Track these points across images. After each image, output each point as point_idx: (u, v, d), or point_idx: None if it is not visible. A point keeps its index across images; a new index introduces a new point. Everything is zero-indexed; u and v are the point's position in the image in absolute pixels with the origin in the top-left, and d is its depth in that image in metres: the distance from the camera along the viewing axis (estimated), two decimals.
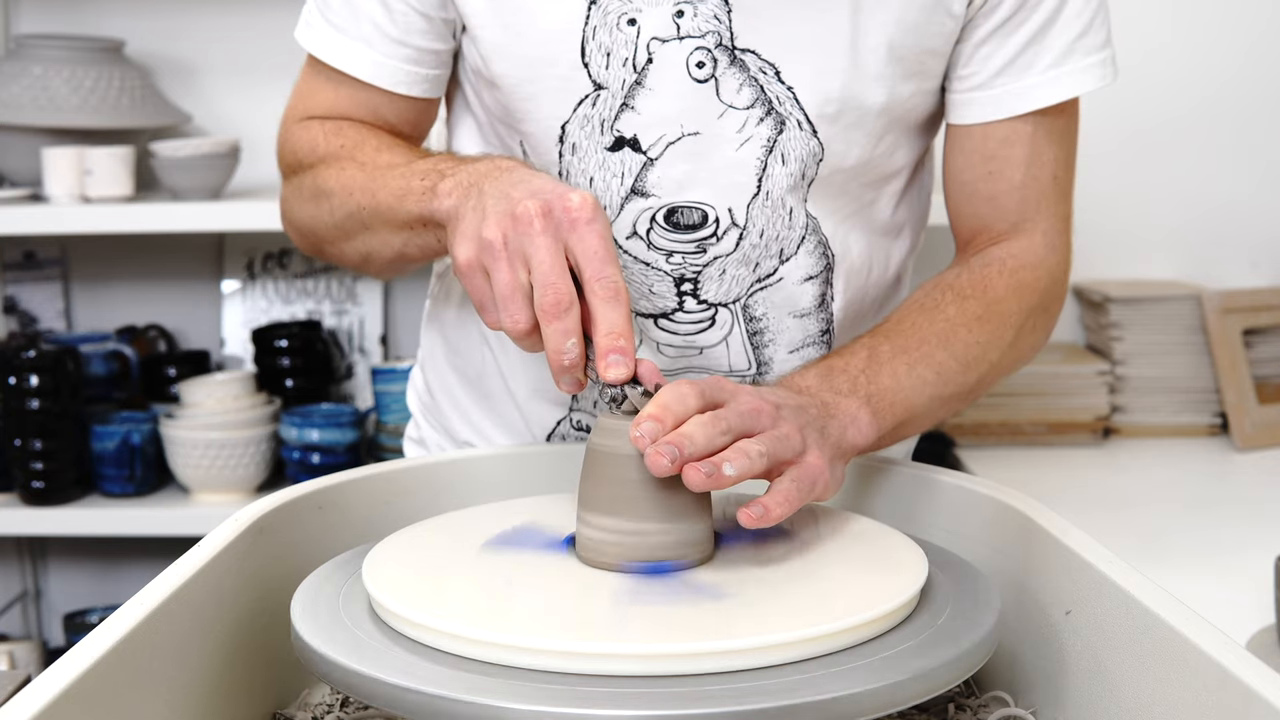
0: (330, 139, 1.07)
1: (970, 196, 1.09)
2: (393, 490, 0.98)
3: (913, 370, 0.97)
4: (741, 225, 1.04)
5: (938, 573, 0.80)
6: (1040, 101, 1.04)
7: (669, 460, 0.75)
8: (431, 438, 1.23)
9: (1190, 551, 1.61)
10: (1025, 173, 1.07)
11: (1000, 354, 1.03)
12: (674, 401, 0.78)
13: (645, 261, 1.05)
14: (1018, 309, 1.05)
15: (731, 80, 1.00)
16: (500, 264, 0.83)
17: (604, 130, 1.02)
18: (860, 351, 0.97)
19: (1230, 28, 2.21)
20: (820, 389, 0.92)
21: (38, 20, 2.28)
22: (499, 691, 0.65)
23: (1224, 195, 2.24)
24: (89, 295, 2.37)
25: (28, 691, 0.61)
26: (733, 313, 1.07)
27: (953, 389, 1.00)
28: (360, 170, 1.03)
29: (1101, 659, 0.75)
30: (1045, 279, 1.07)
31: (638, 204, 1.03)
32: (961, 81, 1.05)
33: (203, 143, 2.08)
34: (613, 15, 0.99)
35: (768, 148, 1.02)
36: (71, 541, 2.37)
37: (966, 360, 1.00)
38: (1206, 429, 2.12)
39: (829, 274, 1.08)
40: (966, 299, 1.03)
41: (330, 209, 1.05)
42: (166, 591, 0.73)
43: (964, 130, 1.07)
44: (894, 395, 0.95)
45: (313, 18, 1.09)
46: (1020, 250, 1.07)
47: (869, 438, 0.91)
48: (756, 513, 0.77)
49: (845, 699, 0.65)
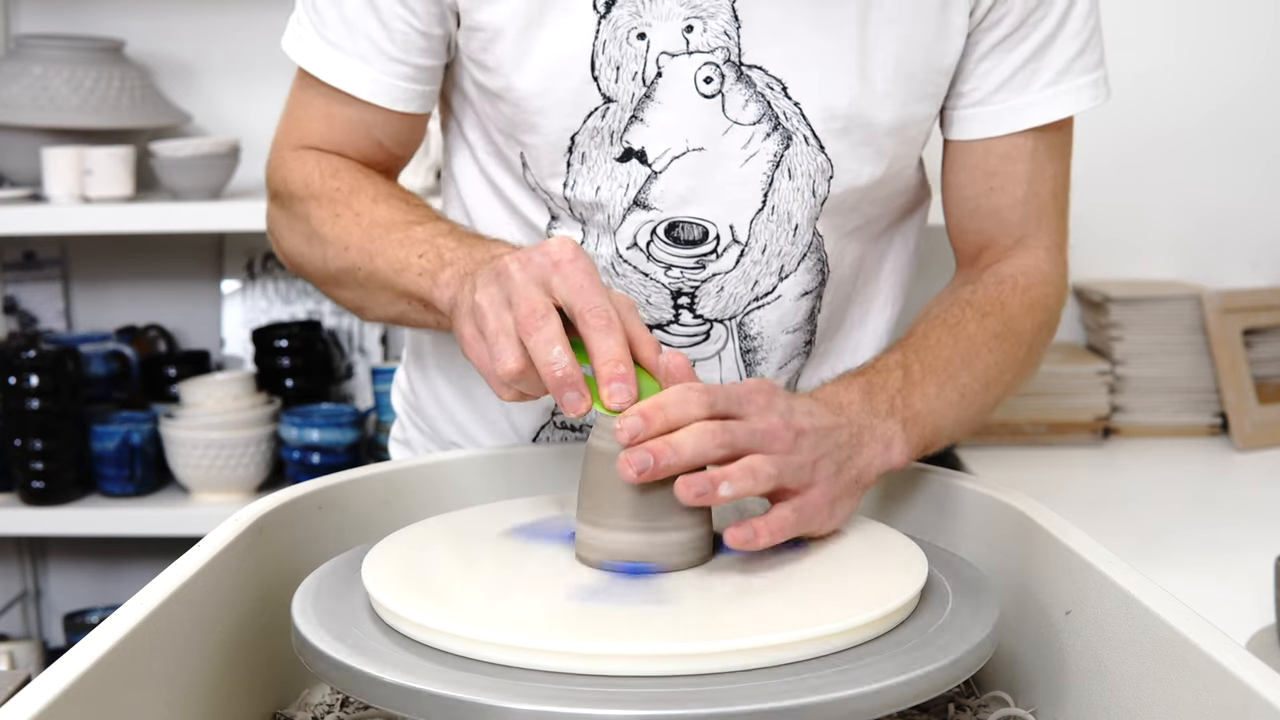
0: (326, 179, 1.06)
1: (973, 212, 1.10)
2: (393, 490, 0.98)
3: (941, 392, 0.96)
4: (743, 242, 1.04)
5: (938, 573, 0.80)
6: (1040, 118, 1.05)
7: (636, 470, 0.74)
8: (416, 439, 1.23)
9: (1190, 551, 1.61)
10: (1028, 188, 1.08)
11: (1014, 374, 1.04)
12: (672, 403, 0.77)
13: (644, 272, 1.05)
14: (1031, 327, 1.05)
15: (738, 96, 1.00)
16: (487, 318, 0.82)
17: (614, 141, 1.02)
18: (896, 370, 0.95)
19: (1232, 33, 2.21)
20: (861, 409, 0.89)
21: (38, 20, 2.28)
22: (499, 691, 0.65)
23: (1224, 196, 2.23)
24: (89, 295, 2.37)
25: (28, 691, 0.61)
26: (728, 329, 1.07)
27: (973, 411, 1.00)
28: (356, 223, 1.02)
29: (1101, 659, 0.75)
30: (1053, 296, 1.08)
31: (639, 216, 1.03)
32: (961, 98, 1.06)
33: (203, 143, 2.08)
34: (622, 30, 0.99)
35: (774, 163, 1.02)
36: (71, 541, 2.37)
37: (986, 381, 1.00)
38: (1206, 429, 2.12)
39: (821, 289, 1.08)
40: (986, 316, 1.03)
41: (324, 256, 1.05)
42: (166, 591, 0.73)
43: (965, 146, 1.08)
44: (925, 418, 0.94)
45: (304, 31, 1.07)
46: (1029, 267, 1.08)
47: (900, 464, 0.90)
48: (745, 535, 0.76)
49: (845, 699, 0.65)
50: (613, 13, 0.99)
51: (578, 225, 1.06)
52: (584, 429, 1.12)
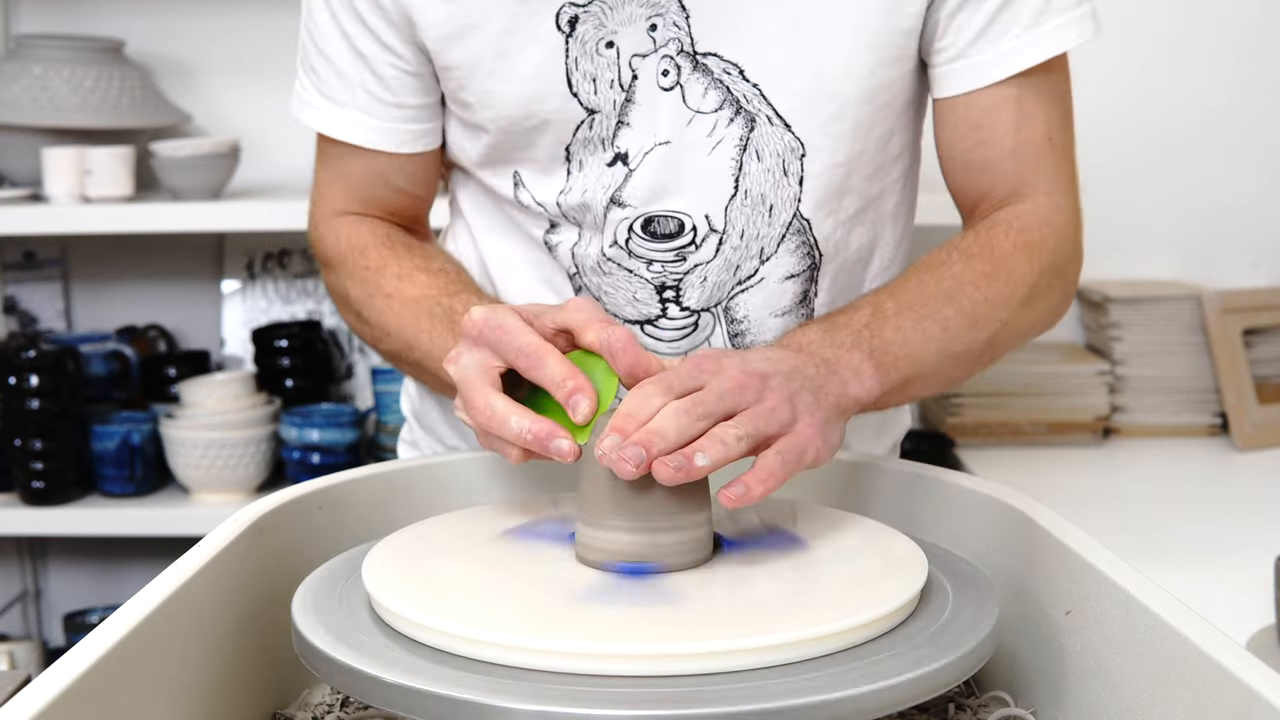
0: (355, 257, 1.10)
1: (964, 168, 1.07)
2: (393, 490, 0.98)
3: (919, 325, 0.94)
4: (720, 230, 1.04)
5: (938, 573, 0.80)
6: (1020, 64, 1.02)
7: (634, 465, 0.74)
8: (424, 441, 1.23)
9: (1190, 551, 1.61)
10: (1016, 137, 1.05)
11: (1010, 313, 1.00)
12: (638, 407, 0.77)
13: (628, 269, 1.06)
14: (1028, 268, 1.02)
15: (696, 85, 1.01)
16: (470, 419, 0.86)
17: (604, 147, 1.03)
18: (864, 308, 0.95)
19: (1232, 34, 2.21)
20: (821, 343, 0.89)
21: (38, 20, 2.28)
22: (499, 691, 0.65)
23: (1224, 195, 2.24)
24: (89, 295, 2.37)
25: (28, 691, 0.61)
26: (714, 315, 1.07)
27: (962, 345, 0.97)
28: (388, 305, 1.06)
29: (1101, 659, 0.75)
30: (1054, 237, 1.04)
31: (616, 214, 1.04)
32: (939, 55, 1.04)
33: (203, 143, 2.08)
34: (590, 43, 1.00)
35: (741, 147, 1.02)
36: (71, 541, 2.37)
37: (975, 317, 0.98)
38: (1206, 429, 2.12)
39: (814, 272, 1.08)
40: (973, 258, 1.01)
41: (373, 336, 1.10)
42: (166, 591, 0.73)
43: (949, 103, 1.05)
44: (899, 349, 0.92)
45: (308, 95, 1.10)
46: (1025, 212, 1.05)
47: (873, 391, 0.89)
48: (737, 492, 0.75)
49: (845, 699, 0.65)
50: (578, 29, 1.00)
51: (574, 229, 1.07)
52: None
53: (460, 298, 1.02)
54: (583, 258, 1.07)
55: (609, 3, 0.99)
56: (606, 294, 1.08)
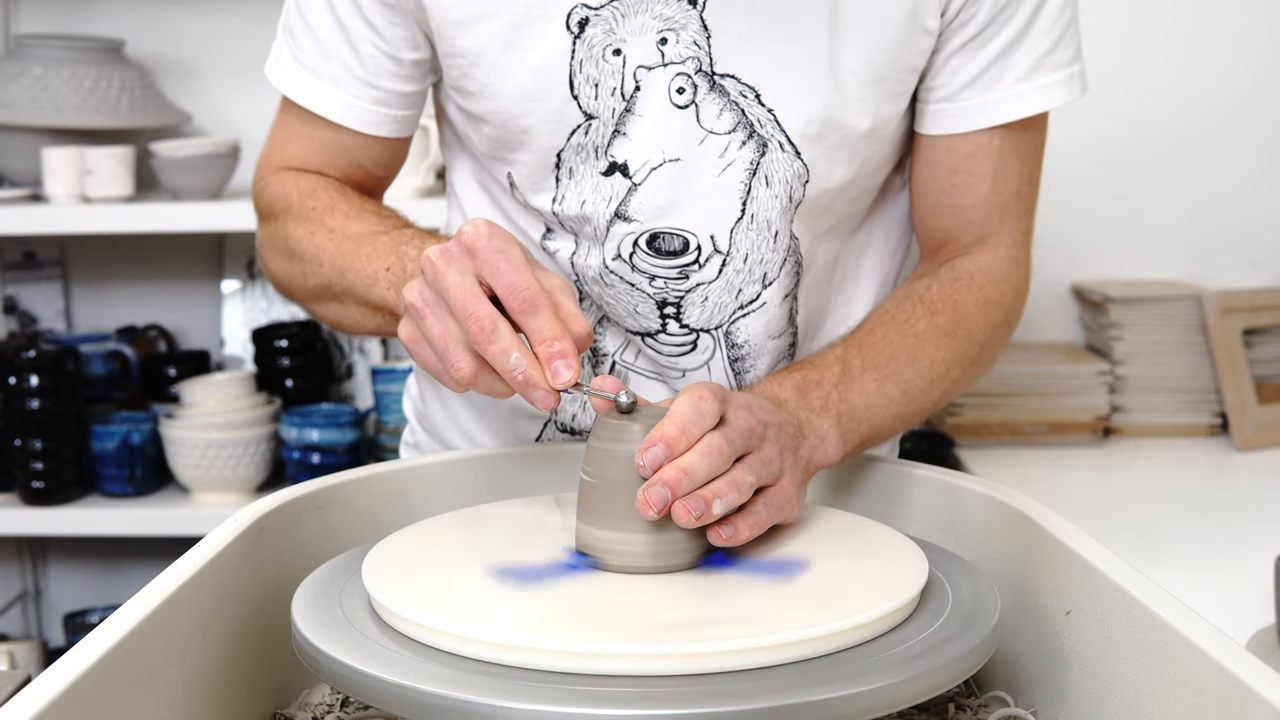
0: (303, 198, 1.08)
1: (934, 208, 1.10)
2: (393, 490, 0.98)
3: (881, 388, 0.98)
4: (725, 251, 1.04)
5: (938, 573, 0.80)
6: (1005, 116, 1.04)
7: (656, 509, 0.75)
8: (427, 443, 1.23)
9: (1190, 551, 1.61)
10: (990, 188, 1.07)
11: (962, 370, 1.04)
12: (693, 422, 0.78)
13: (630, 283, 1.06)
14: (984, 325, 1.06)
15: (712, 106, 1.01)
16: (428, 321, 0.83)
17: (598, 155, 1.02)
18: (834, 365, 0.97)
19: (1232, 34, 2.21)
20: (796, 405, 0.92)
21: (38, 20, 2.28)
22: (499, 691, 0.65)
23: (1224, 195, 2.24)
24: (89, 295, 2.37)
25: (28, 691, 0.61)
26: (715, 339, 1.08)
27: (915, 407, 1.01)
28: (329, 239, 1.04)
29: (1101, 659, 0.75)
30: (1010, 294, 1.09)
31: (621, 228, 1.04)
32: (930, 93, 1.05)
33: (203, 143, 2.08)
34: (598, 48, 1.00)
35: (751, 170, 1.02)
36: (71, 541, 2.37)
37: (931, 377, 1.01)
38: (1206, 429, 2.12)
39: (796, 288, 1.09)
40: (937, 314, 1.03)
41: (302, 273, 1.06)
42: (166, 591, 0.73)
43: (930, 141, 1.07)
44: (862, 414, 0.95)
45: (283, 56, 1.10)
46: (986, 265, 1.08)
47: (834, 459, 0.93)
48: (728, 533, 0.79)
49: (845, 699, 0.65)
50: (587, 31, 1.00)
51: (571, 237, 1.07)
52: (584, 431, 1.13)
53: (412, 235, 1.00)
54: (583, 268, 1.07)
55: (621, 10, 0.99)
56: (608, 304, 1.08)
